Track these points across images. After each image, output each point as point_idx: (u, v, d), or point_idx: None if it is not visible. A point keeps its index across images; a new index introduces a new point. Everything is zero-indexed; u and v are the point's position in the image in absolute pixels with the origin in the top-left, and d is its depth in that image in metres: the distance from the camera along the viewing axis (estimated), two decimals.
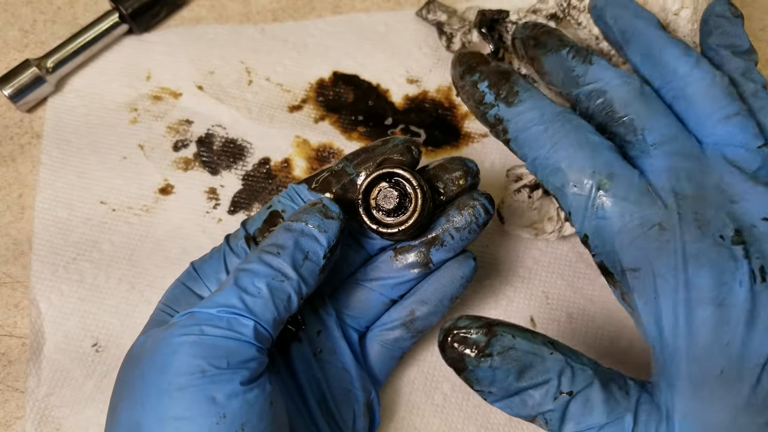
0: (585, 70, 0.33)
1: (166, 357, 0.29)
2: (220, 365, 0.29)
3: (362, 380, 0.38)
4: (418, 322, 0.38)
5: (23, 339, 0.44)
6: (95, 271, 0.45)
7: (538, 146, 0.32)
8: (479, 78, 0.34)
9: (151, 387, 0.29)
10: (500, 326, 0.29)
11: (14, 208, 0.47)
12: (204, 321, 0.30)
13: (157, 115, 0.50)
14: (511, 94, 0.33)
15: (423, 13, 0.53)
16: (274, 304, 0.31)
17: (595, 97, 0.33)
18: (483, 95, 0.33)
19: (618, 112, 0.32)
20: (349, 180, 0.36)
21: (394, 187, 0.35)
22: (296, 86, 0.52)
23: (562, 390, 0.28)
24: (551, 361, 0.29)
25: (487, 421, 0.42)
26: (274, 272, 0.31)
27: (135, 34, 0.53)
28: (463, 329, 0.29)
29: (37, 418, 0.41)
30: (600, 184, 0.30)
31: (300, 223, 0.33)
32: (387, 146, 0.37)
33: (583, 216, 0.31)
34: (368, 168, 0.36)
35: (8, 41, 0.53)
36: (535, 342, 0.29)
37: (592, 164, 0.30)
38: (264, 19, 0.55)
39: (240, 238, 0.36)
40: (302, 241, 0.32)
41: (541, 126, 0.32)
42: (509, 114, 0.33)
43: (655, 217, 0.29)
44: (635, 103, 0.32)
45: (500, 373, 0.29)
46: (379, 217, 0.35)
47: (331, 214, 0.33)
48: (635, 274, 0.30)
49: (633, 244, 0.29)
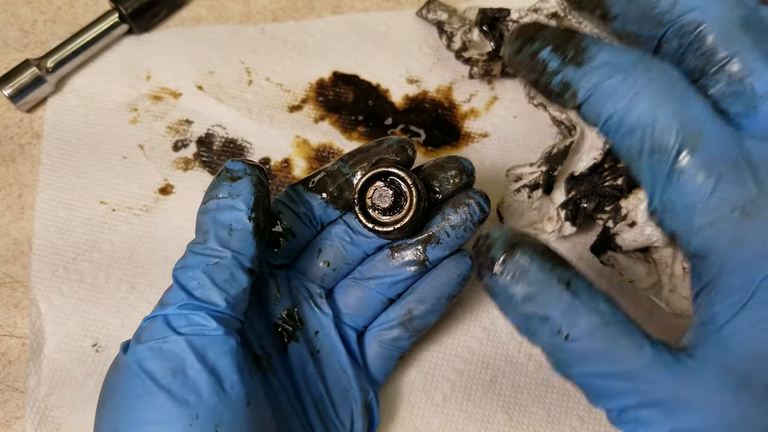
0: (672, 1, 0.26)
1: (138, 362, 0.29)
2: (190, 365, 0.29)
3: (360, 380, 0.38)
4: (416, 321, 0.38)
5: (23, 339, 0.44)
6: (95, 271, 0.45)
7: (614, 101, 0.26)
8: (540, 45, 0.28)
9: (127, 392, 0.29)
10: (523, 248, 0.26)
11: (14, 208, 0.47)
12: (164, 323, 0.30)
13: (157, 115, 0.50)
14: (579, 52, 0.27)
15: (423, 12, 0.53)
16: (218, 287, 0.31)
17: (689, 33, 0.26)
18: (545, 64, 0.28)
19: (718, 52, 0.25)
20: (345, 180, 0.37)
21: (390, 186, 0.35)
22: (296, 86, 0.52)
23: (560, 330, 0.26)
24: (557, 297, 0.26)
25: (487, 421, 0.42)
26: (205, 257, 0.31)
27: (135, 34, 0.53)
28: (488, 241, 0.27)
29: (37, 418, 0.41)
30: (684, 144, 0.24)
31: (212, 201, 0.33)
32: (382, 146, 0.37)
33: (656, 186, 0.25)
34: (364, 168, 0.37)
35: (8, 41, 0.53)
36: (549, 275, 0.26)
37: (679, 120, 0.24)
38: (264, 19, 0.55)
39: None
40: (219, 216, 0.32)
41: (618, 76, 0.26)
42: (579, 74, 0.27)
43: (740, 198, 0.24)
44: (741, 36, 0.25)
45: (508, 290, 0.27)
46: (375, 216, 0.35)
47: (237, 175, 0.33)
48: (702, 262, 0.25)
49: (706, 228, 0.24)
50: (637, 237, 0.40)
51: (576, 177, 0.43)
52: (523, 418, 0.42)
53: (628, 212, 0.40)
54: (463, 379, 0.43)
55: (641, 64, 0.26)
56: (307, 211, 0.36)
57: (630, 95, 0.25)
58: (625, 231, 0.40)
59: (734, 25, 0.25)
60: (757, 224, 0.24)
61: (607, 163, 0.40)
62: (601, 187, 0.40)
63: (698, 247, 0.25)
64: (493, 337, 0.44)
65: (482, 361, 0.43)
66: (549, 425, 0.41)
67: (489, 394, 0.42)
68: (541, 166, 0.44)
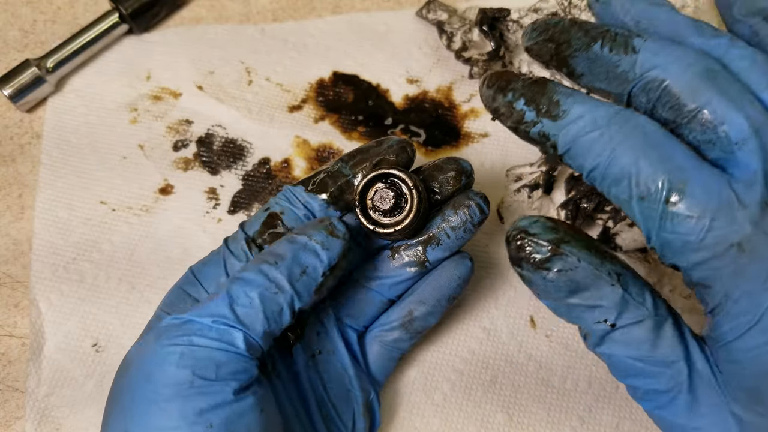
0: (632, 61, 0.27)
1: (154, 367, 0.29)
2: (208, 376, 0.28)
3: (361, 380, 0.38)
4: (417, 323, 0.38)
5: (23, 339, 0.44)
6: (95, 271, 0.45)
7: (594, 155, 0.27)
8: (513, 97, 0.29)
9: (140, 397, 0.29)
10: (570, 245, 0.27)
11: (14, 208, 0.47)
12: (193, 331, 0.29)
13: (157, 115, 0.50)
14: (553, 105, 0.28)
15: (423, 12, 0.53)
16: (265, 316, 0.30)
17: (654, 89, 0.27)
18: (522, 114, 0.29)
19: (687, 105, 0.26)
20: (346, 181, 0.37)
21: (390, 188, 0.35)
22: (296, 86, 0.52)
23: (607, 320, 0.27)
24: (608, 291, 0.27)
25: (487, 421, 0.42)
26: (268, 283, 0.31)
27: (135, 34, 0.53)
28: (531, 237, 0.27)
29: (37, 418, 0.41)
30: (670, 193, 0.25)
31: (303, 236, 0.32)
32: (382, 147, 0.37)
33: (651, 228, 0.26)
34: (364, 168, 0.37)
35: (8, 41, 0.53)
36: (599, 270, 0.27)
37: (662, 170, 0.25)
38: (264, 19, 0.55)
39: (239, 240, 0.36)
40: (302, 254, 0.32)
41: (595, 132, 0.27)
42: (555, 128, 0.28)
43: (735, 235, 0.25)
44: (705, 89, 0.26)
45: (553, 287, 0.28)
46: (375, 217, 0.35)
47: (337, 233, 0.33)
48: (706, 291, 0.26)
49: (706, 262, 0.25)
50: (637, 237, 0.40)
51: (576, 177, 0.43)
52: (523, 418, 0.42)
53: None
54: (463, 379, 0.43)
55: (616, 118, 0.26)
56: (308, 213, 0.36)
57: (609, 150, 0.26)
58: (625, 231, 0.40)
59: (698, 77, 0.26)
60: (756, 258, 0.25)
61: None
62: None
63: (701, 278, 0.26)
64: (493, 337, 0.44)
65: (482, 361, 0.43)
66: (549, 425, 0.41)
67: (489, 394, 0.42)
68: (541, 166, 0.44)
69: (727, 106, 0.26)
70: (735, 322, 0.26)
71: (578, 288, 0.27)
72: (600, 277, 0.27)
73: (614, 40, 0.28)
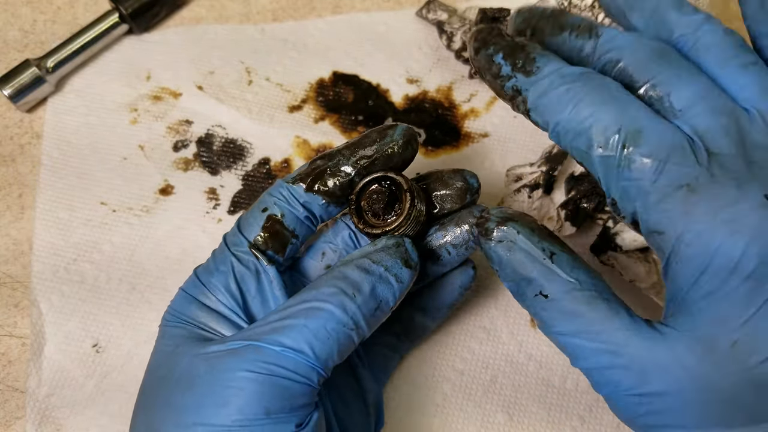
0: (593, 44, 0.30)
1: (230, 390, 0.29)
2: (283, 408, 0.29)
3: (366, 380, 0.38)
4: (417, 330, 0.39)
5: (23, 339, 0.44)
6: (96, 272, 0.45)
7: (559, 109, 0.29)
8: (494, 50, 0.31)
9: (209, 416, 0.29)
10: (516, 223, 0.30)
11: (14, 208, 0.47)
12: (271, 359, 0.29)
13: (157, 116, 0.50)
14: (528, 62, 0.30)
15: (423, 12, 0.53)
16: (339, 353, 0.30)
17: (611, 69, 0.30)
18: (499, 67, 0.31)
19: (638, 80, 0.29)
20: (348, 180, 0.35)
21: (385, 190, 0.35)
22: (296, 86, 0.52)
23: (541, 290, 0.29)
24: (538, 265, 0.29)
25: (487, 421, 0.42)
26: (347, 319, 0.30)
27: (135, 34, 0.53)
28: (486, 215, 0.31)
29: (38, 418, 0.41)
30: (627, 140, 0.27)
31: (379, 266, 0.32)
32: (385, 141, 0.36)
33: (610, 178, 0.28)
34: (364, 163, 0.35)
35: (8, 41, 0.53)
36: (535, 246, 0.30)
37: (619, 120, 0.28)
38: (264, 19, 0.55)
39: (242, 245, 0.34)
40: (379, 288, 0.32)
41: (562, 87, 0.29)
42: (528, 83, 0.30)
43: (685, 177, 0.27)
44: (653, 65, 0.29)
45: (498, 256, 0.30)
46: (367, 218, 0.35)
47: (411, 263, 0.33)
48: (661, 237, 0.28)
49: (657, 206, 0.27)
50: (637, 237, 0.40)
51: (576, 177, 0.43)
52: (523, 418, 0.42)
53: None
54: (464, 379, 0.43)
55: (583, 76, 0.29)
56: (309, 214, 0.36)
57: (572, 105, 0.29)
58: (625, 231, 0.40)
59: (648, 56, 0.29)
60: (704, 199, 0.26)
61: None
62: (601, 187, 0.40)
63: (655, 223, 0.27)
64: (493, 337, 0.44)
65: (482, 361, 0.43)
66: (549, 425, 0.41)
67: (489, 394, 0.42)
68: (542, 166, 0.44)
69: (673, 78, 0.29)
70: (688, 269, 0.26)
71: (517, 259, 0.30)
72: (534, 250, 0.30)
73: (581, 28, 0.31)
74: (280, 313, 0.31)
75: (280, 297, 0.34)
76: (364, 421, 0.38)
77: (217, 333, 0.33)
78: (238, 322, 0.33)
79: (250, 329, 0.31)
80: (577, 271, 0.29)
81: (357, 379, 0.38)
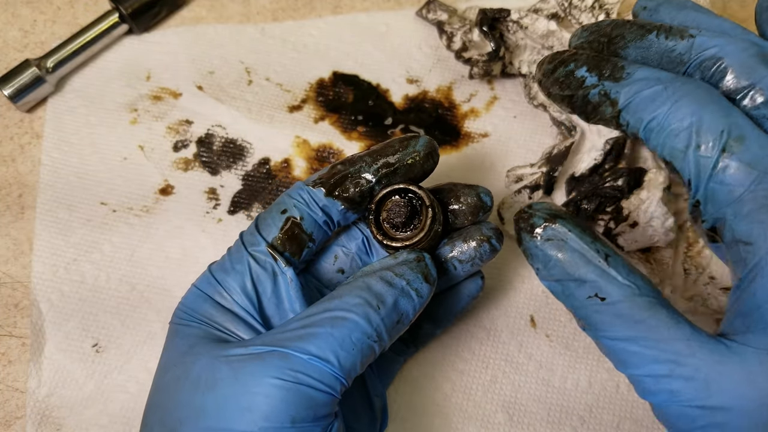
0: (689, 44, 0.30)
1: (256, 397, 0.28)
2: (307, 417, 0.29)
3: (372, 382, 0.39)
4: (423, 337, 0.39)
5: (23, 339, 0.44)
6: (96, 272, 0.45)
7: (655, 106, 0.29)
8: (575, 66, 0.32)
9: (232, 420, 0.28)
10: (565, 221, 0.29)
11: (14, 208, 0.47)
12: (298, 368, 0.29)
13: (157, 116, 0.50)
14: (617, 70, 0.30)
15: (423, 12, 0.53)
16: (361, 363, 0.30)
17: (710, 66, 0.29)
18: (583, 79, 0.31)
19: (741, 81, 0.28)
20: (368, 188, 0.35)
21: (407, 203, 0.34)
22: (296, 86, 0.52)
23: (597, 293, 0.28)
24: (595, 267, 0.28)
25: (487, 421, 0.42)
26: (371, 330, 0.30)
27: (135, 34, 0.53)
28: (533, 210, 0.30)
29: (38, 418, 0.41)
30: (728, 145, 0.27)
31: (401, 280, 0.32)
32: (407, 151, 0.35)
33: (701, 180, 0.28)
34: (385, 172, 0.35)
35: (8, 41, 0.53)
36: (589, 246, 0.29)
37: (723, 122, 0.27)
38: (264, 19, 0.55)
39: (259, 245, 0.34)
40: (401, 301, 0.31)
41: (659, 86, 0.29)
42: (618, 86, 0.30)
43: None
44: (760, 68, 0.28)
45: (546, 258, 0.29)
46: (387, 229, 0.35)
47: (430, 279, 0.33)
48: (747, 248, 0.27)
49: (751, 215, 0.27)
50: (639, 238, 0.40)
51: (577, 178, 0.43)
52: (523, 418, 0.42)
53: (629, 213, 0.40)
54: (464, 379, 0.43)
55: (678, 78, 0.29)
56: (328, 219, 0.35)
57: (671, 102, 0.28)
58: (626, 232, 0.40)
59: (752, 59, 0.28)
60: None
61: (608, 164, 0.40)
62: (601, 188, 0.40)
63: (744, 232, 0.27)
64: (493, 337, 0.44)
65: (482, 361, 0.43)
66: (549, 425, 0.41)
67: (489, 394, 0.42)
68: (542, 166, 0.44)
69: None
70: None
71: (568, 259, 0.29)
72: (588, 250, 0.29)
73: (670, 30, 0.31)
74: (303, 320, 0.31)
75: (296, 300, 0.33)
76: (371, 425, 0.38)
77: (233, 334, 0.32)
78: (254, 324, 0.33)
79: (272, 334, 0.31)
80: (634, 275, 0.28)
81: (365, 384, 0.38)
